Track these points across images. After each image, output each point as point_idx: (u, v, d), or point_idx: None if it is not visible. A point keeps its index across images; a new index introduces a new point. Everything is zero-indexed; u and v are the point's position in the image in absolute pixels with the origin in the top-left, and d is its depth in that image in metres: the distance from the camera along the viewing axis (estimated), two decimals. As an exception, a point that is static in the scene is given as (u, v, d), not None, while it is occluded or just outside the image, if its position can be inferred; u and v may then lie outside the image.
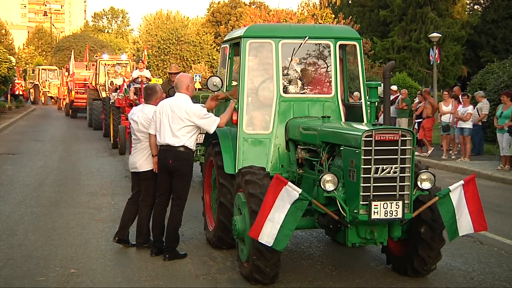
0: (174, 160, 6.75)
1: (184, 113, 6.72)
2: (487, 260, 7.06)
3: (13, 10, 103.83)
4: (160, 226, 7.01)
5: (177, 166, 6.77)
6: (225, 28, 54.95)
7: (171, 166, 6.76)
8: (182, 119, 6.73)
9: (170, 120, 6.75)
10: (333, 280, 6.22)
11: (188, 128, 6.75)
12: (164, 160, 6.81)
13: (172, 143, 6.73)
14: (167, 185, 6.91)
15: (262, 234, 5.39)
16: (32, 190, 10.98)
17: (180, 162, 6.78)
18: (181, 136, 6.73)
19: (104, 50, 40.08)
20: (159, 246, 6.92)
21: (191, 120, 6.72)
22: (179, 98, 6.88)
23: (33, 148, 17.44)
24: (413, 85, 25.17)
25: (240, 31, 7.33)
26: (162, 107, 6.87)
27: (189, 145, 6.80)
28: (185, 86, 6.90)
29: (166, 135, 6.76)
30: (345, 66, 7.68)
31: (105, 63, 25.54)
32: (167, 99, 7.03)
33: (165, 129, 6.77)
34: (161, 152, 6.87)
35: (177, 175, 6.82)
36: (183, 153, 6.77)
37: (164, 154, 6.80)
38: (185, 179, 6.90)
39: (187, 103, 6.82)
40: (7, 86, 29.77)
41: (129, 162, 7.39)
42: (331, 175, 5.58)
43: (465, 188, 5.77)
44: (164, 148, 6.80)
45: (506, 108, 14.17)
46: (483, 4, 39.70)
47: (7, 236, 7.74)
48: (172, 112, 6.75)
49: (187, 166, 6.88)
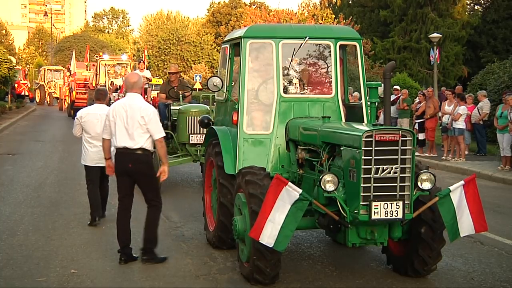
0: (133, 164, 6.56)
1: (138, 113, 6.51)
2: (487, 261, 7.06)
3: (13, 10, 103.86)
4: (128, 231, 6.73)
5: (138, 170, 6.60)
6: (226, 29, 54.90)
7: (131, 170, 6.58)
8: (137, 120, 6.50)
9: (125, 122, 6.52)
10: (334, 280, 6.22)
11: (144, 128, 6.54)
12: (122, 163, 6.60)
13: (130, 146, 6.51)
14: (128, 187, 6.72)
15: (262, 235, 5.39)
16: (32, 190, 10.99)
17: (141, 166, 6.60)
18: (137, 138, 6.51)
19: (105, 51, 40.04)
20: (129, 253, 6.69)
21: (144, 119, 6.50)
22: (132, 98, 6.64)
23: (33, 149, 17.44)
24: (413, 86, 25.16)
25: (240, 31, 7.33)
26: (114, 110, 6.61)
27: (147, 147, 6.60)
28: (136, 86, 6.70)
29: (122, 138, 6.54)
30: (345, 67, 7.67)
31: (106, 63, 25.54)
32: (118, 101, 6.80)
33: (120, 132, 6.54)
34: (118, 155, 6.63)
35: (141, 178, 6.66)
36: (141, 155, 6.57)
37: (123, 157, 6.58)
38: (151, 180, 6.70)
39: (141, 103, 6.62)
40: (7, 86, 29.75)
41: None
42: (331, 175, 5.58)
43: (466, 188, 5.77)
44: (122, 152, 6.58)
45: (506, 108, 14.16)
46: (484, 4, 39.67)
47: (8, 236, 7.75)
48: (126, 113, 6.52)
49: (148, 168, 6.68)
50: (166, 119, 11.88)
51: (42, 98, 41.96)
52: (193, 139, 11.08)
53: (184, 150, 11.43)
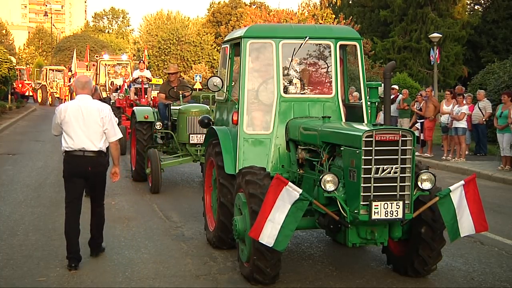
0: (93, 166, 6.50)
1: (97, 115, 6.44)
2: (487, 261, 7.06)
3: (13, 10, 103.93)
4: (78, 235, 6.67)
5: (97, 172, 6.58)
6: (226, 29, 54.94)
7: (90, 172, 6.51)
8: (95, 122, 6.44)
9: (81, 124, 6.41)
10: (334, 280, 6.22)
11: (101, 129, 6.49)
12: (80, 166, 6.48)
13: (89, 148, 6.43)
14: (79, 190, 6.67)
15: (262, 235, 5.39)
16: (32, 190, 10.99)
17: (100, 168, 6.59)
18: (95, 140, 6.45)
19: (105, 51, 40.04)
20: (80, 258, 6.56)
21: (104, 121, 6.46)
22: (85, 100, 6.53)
23: (33, 148, 17.44)
24: (413, 85, 25.16)
25: (240, 31, 7.33)
26: (67, 112, 6.45)
27: (104, 149, 6.56)
28: (87, 86, 6.62)
29: (80, 140, 6.42)
30: (345, 67, 7.67)
31: (106, 63, 25.54)
32: (70, 102, 6.65)
33: (77, 134, 6.41)
34: (75, 158, 6.47)
35: (97, 180, 6.68)
36: (100, 158, 6.53)
37: (80, 160, 6.46)
38: (104, 182, 6.84)
39: (97, 105, 6.56)
40: (7, 86, 29.75)
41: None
42: (331, 175, 5.58)
43: (466, 188, 5.76)
44: (79, 154, 6.45)
45: (506, 108, 14.17)
46: (484, 4, 39.70)
47: (8, 236, 7.75)
48: (83, 115, 6.41)
49: (105, 170, 6.69)
50: (166, 119, 11.89)
51: (44, 99, 41.83)
52: (193, 139, 11.09)
53: (184, 150, 11.44)
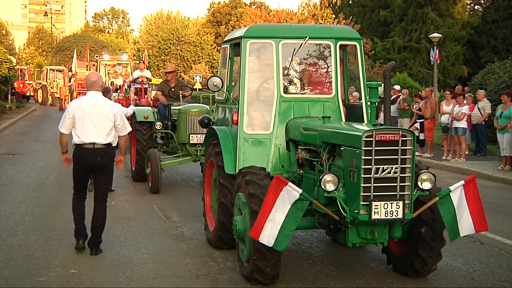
0: (102, 158, 6.93)
1: (109, 111, 6.90)
2: (487, 261, 7.06)
3: (13, 10, 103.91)
4: (84, 219, 7.16)
5: (105, 163, 6.99)
6: (226, 29, 54.94)
7: (99, 163, 6.93)
8: (107, 118, 6.90)
9: (94, 120, 6.86)
10: (334, 280, 6.22)
11: (112, 124, 6.93)
12: (91, 158, 6.91)
13: (99, 142, 6.88)
14: (86, 181, 7.24)
15: (262, 235, 5.39)
16: (32, 190, 10.99)
17: (108, 160, 7.00)
18: (106, 135, 6.90)
19: (105, 51, 40.03)
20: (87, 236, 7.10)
21: (116, 117, 6.92)
22: (96, 96, 7.00)
23: (33, 148, 17.44)
24: (413, 85, 25.16)
25: (240, 31, 7.33)
26: (80, 107, 6.90)
27: (114, 143, 7.06)
28: (96, 84, 7.03)
29: (90, 134, 6.86)
30: (345, 67, 7.67)
31: (106, 63, 25.55)
32: (83, 98, 7.11)
33: (88, 129, 6.85)
34: (85, 151, 6.91)
35: (104, 172, 7.06)
36: (109, 150, 6.99)
37: (91, 152, 6.89)
38: (109, 174, 7.28)
39: (109, 102, 7.09)
40: (7, 86, 29.74)
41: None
42: (331, 175, 5.58)
43: (466, 188, 5.76)
44: (89, 147, 6.89)
45: (506, 108, 14.17)
46: (484, 4, 39.68)
47: (8, 236, 7.75)
48: (96, 111, 6.87)
49: (112, 162, 7.13)
50: (166, 119, 11.89)
51: (44, 99, 41.80)
52: (193, 139, 11.09)
53: (184, 150, 11.44)
